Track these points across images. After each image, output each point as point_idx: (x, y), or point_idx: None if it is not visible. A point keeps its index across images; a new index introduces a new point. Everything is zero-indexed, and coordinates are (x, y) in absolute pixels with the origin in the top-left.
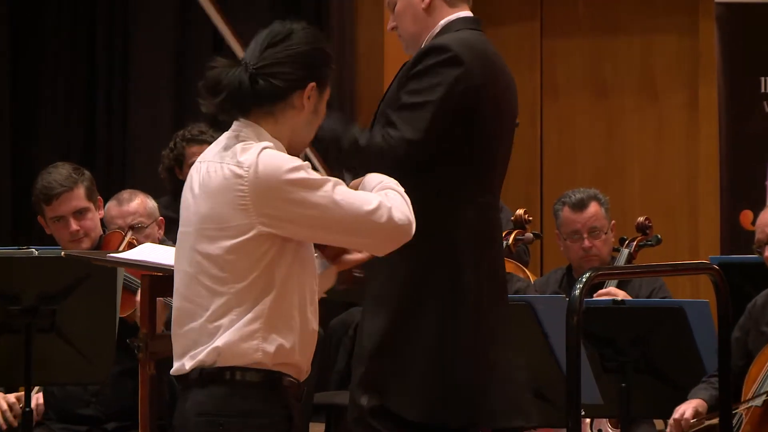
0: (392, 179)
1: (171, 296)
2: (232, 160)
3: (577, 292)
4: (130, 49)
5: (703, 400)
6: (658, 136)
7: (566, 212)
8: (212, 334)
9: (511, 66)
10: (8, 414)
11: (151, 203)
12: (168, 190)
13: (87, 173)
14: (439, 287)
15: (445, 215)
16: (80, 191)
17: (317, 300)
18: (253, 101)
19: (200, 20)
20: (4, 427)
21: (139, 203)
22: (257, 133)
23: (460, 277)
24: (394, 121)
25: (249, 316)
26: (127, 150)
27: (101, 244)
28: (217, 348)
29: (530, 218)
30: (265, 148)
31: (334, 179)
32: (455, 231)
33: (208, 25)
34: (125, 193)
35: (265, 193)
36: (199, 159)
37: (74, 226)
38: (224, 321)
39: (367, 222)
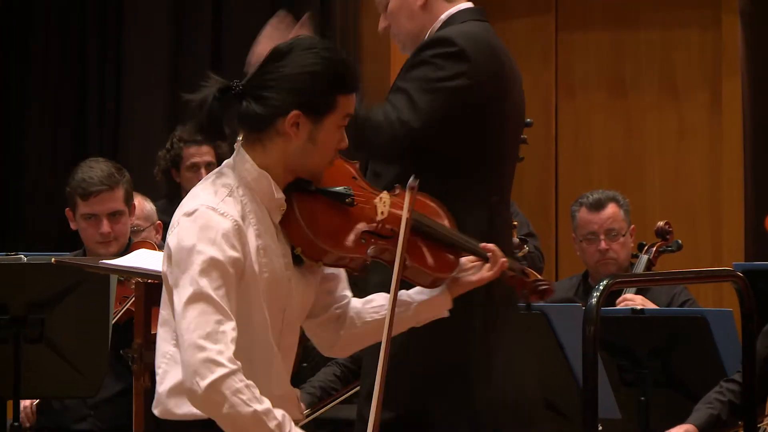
0: None
1: None
2: (181, 209)
3: (594, 300)
4: (123, 44)
5: (694, 425)
6: (680, 136)
7: (583, 212)
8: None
9: (524, 62)
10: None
11: (149, 206)
12: (164, 193)
13: (128, 175)
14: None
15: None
16: (120, 193)
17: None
18: (237, 125)
19: (197, 16)
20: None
21: (136, 205)
22: (241, 161)
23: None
24: (395, 104)
25: None
26: (119, 151)
27: (128, 251)
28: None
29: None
30: (196, 210)
31: (206, 293)
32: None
33: (206, 22)
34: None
35: (171, 255)
36: None
37: (106, 227)
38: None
39: (185, 350)
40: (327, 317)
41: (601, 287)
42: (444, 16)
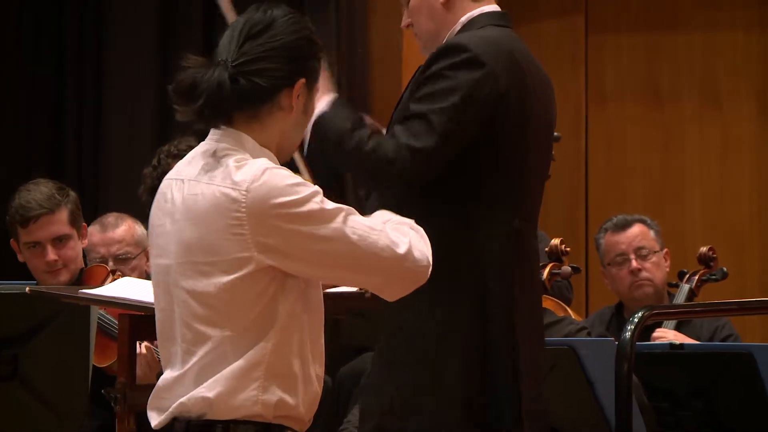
0: (406, 219)
1: (153, 339)
2: (225, 181)
3: (628, 333)
4: (104, 49)
5: None
6: (723, 150)
7: (608, 236)
8: (199, 382)
9: (551, 68)
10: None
11: (140, 230)
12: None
13: (72, 195)
14: (467, 340)
15: (467, 248)
16: (62, 215)
17: (323, 343)
18: (235, 105)
19: (187, 17)
20: None
21: (125, 230)
22: (240, 143)
23: (489, 327)
24: (404, 131)
25: (243, 362)
26: (100, 167)
27: (82, 279)
28: (207, 399)
29: (567, 249)
30: (266, 168)
31: (346, 208)
32: (481, 268)
33: (196, 23)
34: (110, 217)
35: (265, 221)
36: (172, 176)
37: (52, 255)
38: (214, 368)
39: (381, 259)
40: None
41: (636, 319)
42: (465, 18)
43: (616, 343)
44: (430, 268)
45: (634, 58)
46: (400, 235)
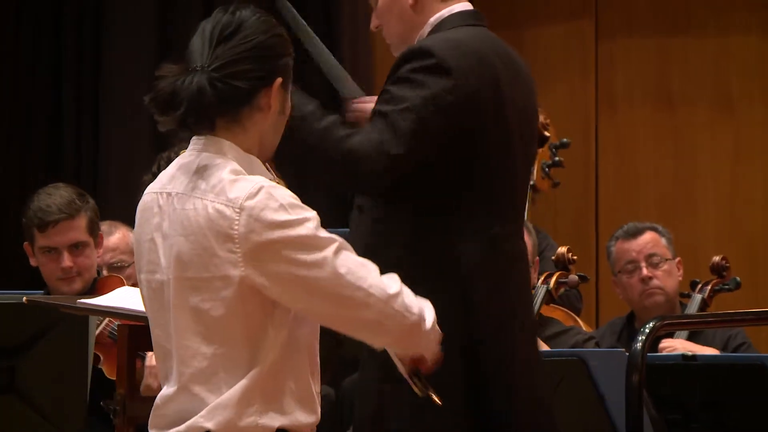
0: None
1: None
2: (219, 197)
3: (639, 344)
4: (102, 52)
5: None
6: (736, 157)
7: (618, 244)
8: (194, 401)
9: (560, 73)
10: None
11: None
12: None
13: (92, 202)
14: (452, 346)
15: (448, 255)
16: (81, 222)
17: (318, 361)
18: (217, 109)
19: (185, 20)
20: None
21: (119, 237)
22: (223, 151)
23: (473, 332)
24: (375, 131)
25: (240, 388)
26: (99, 174)
27: (95, 288)
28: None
29: (574, 257)
30: (262, 186)
31: (340, 240)
32: (462, 275)
33: (195, 26)
34: (104, 225)
35: (257, 241)
36: (155, 189)
37: (68, 261)
38: (208, 386)
39: (368, 296)
40: None
41: (647, 329)
42: (434, 19)
43: (627, 354)
44: (423, 325)
45: (645, 62)
46: (393, 282)
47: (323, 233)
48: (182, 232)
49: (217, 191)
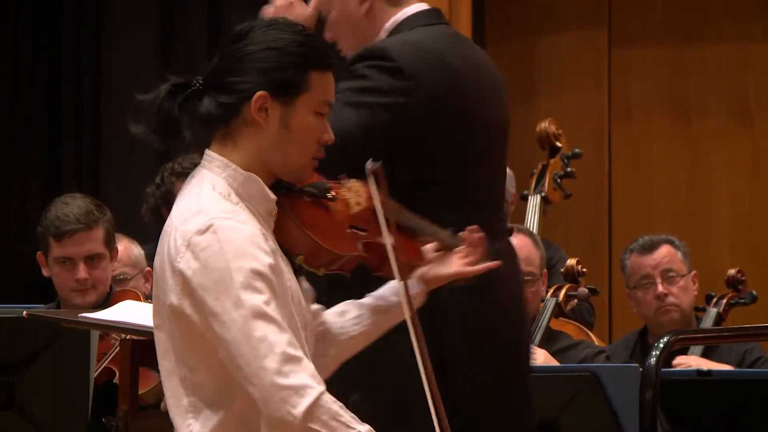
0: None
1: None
2: (182, 225)
3: (653, 359)
4: (103, 56)
5: None
6: (753, 168)
7: (633, 258)
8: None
9: (573, 82)
10: None
11: (137, 250)
12: (153, 235)
13: (109, 214)
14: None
15: None
16: (99, 233)
17: None
18: (208, 124)
19: (190, 24)
20: None
21: (121, 249)
22: (214, 169)
23: (443, 341)
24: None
25: (215, 421)
26: (100, 184)
27: (109, 302)
28: None
29: (584, 270)
30: (212, 224)
31: (266, 310)
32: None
33: (201, 31)
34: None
35: (189, 279)
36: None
37: (83, 273)
38: (174, 408)
39: (258, 371)
40: (315, 336)
41: (661, 344)
42: (389, 25)
43: (641, 369)
44: (302, 426)
45: (660, 71)
46: (301, 375)
47: (253, 292)
48: (159, 252)
49: (184, 217)
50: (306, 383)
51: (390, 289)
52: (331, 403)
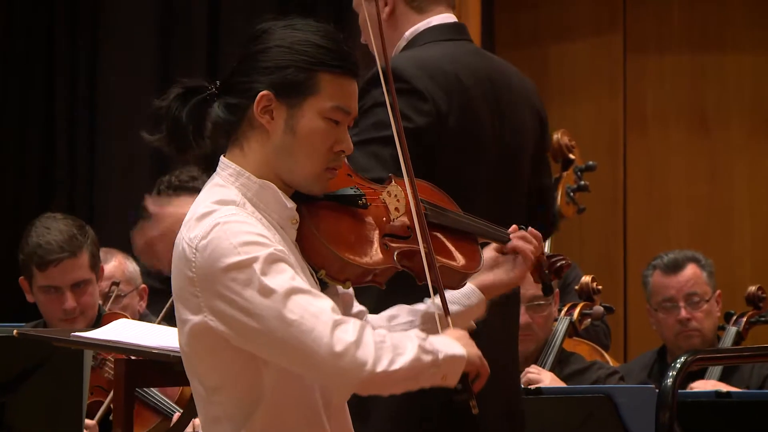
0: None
1: (153, 387)
2: (188, 233)
3: (670, 380)
4: (98, 63)
5: None
6: None
7: (657, 276)
8: None
9: (587, 91)
10: None
11: (132, 267)
12: None
13: (91, 233)
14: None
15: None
16: (84, 259)
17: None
18: (220, 131)
19: (189, 27)
20: None
21: (116, 265)
22: (225, 177)
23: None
24: (360, 163)
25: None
26: (94, 197)
27: (99, 325)
28: None
29: (599, 287)
30: (217, 223)
31: (294, 285)
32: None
33: (200, 34)
34: (99, 252)
35: (208, 284)
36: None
37: (71, 302)
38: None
39: (312, 350)
40: None
41: (678, 365)
42: (409, 33)
43: (657, 390)
44: (388, 370)
45: (677, 79)
46: (353, 330)
47: (274, 275)
48: (173, 271)
49: (189, 226)
50: (359, 338)
51: (450, 296)
52: (379, 338)
